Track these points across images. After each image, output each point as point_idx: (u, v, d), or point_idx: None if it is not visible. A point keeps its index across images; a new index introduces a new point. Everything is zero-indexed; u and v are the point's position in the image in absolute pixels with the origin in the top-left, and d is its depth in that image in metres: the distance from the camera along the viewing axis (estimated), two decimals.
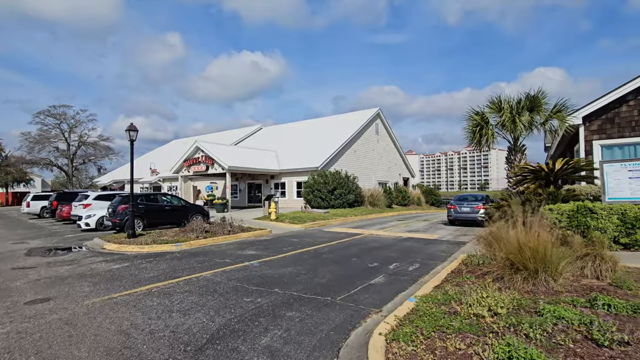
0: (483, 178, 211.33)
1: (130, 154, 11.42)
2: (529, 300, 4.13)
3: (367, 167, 31.68)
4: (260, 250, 9.42)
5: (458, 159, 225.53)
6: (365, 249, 9.63)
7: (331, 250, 9.35)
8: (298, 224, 15.79)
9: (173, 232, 12.05)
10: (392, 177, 37.26)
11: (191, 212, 15.27)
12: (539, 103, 11.90)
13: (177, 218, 14.58)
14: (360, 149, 31.37)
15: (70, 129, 49.76)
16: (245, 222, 14.28)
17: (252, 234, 12.84)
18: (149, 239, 10.57)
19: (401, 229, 14.39)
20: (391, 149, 37.68)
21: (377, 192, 26.56)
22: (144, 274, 6.75)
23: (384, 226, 15.69)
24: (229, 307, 4.67)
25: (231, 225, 13.11)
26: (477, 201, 14.99)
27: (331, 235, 12.69)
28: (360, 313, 4.48)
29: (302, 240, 11.33)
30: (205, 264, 7.65)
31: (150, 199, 14.42)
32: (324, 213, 19.81)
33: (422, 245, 10.11)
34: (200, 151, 25.87)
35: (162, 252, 9.51)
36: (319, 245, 10.32)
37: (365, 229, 14.35)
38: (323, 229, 14.68)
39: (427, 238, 11.70)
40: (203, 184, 35.04)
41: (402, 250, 9.29)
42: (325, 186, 22.93)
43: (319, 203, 22.79)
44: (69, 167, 50.18)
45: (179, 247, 10.09)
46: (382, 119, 35.42)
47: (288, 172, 27.51)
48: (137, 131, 11.36)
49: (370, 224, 16.98)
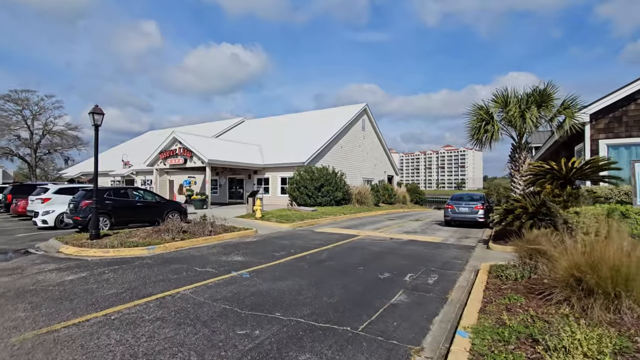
0: (460, 177, 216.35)
1: (94, 141, 9.79)
2: (626, 339, 3.12)
3: (353, 164, 30.72)
4: (248, 256, 8.12)
5: (436, 158, 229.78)
6: (369, 254, 8.53)
7: (331, 256, 8.19)
8: (286, 223, 14.52)
9: (145, 233, 10.52)
10: (377, 174, 36.52)
11: (167, 209, 13.69)
12: (549, 98, 11.16)
13: (150, 216, 12.98)
14: (347, 145, 30.34)
15: (34, 116, 45.99)
16: (227, 221, 12.90)
17: (237, 235, 11.49)
18: (115, 241, 9.03)
19: (397, 230, 13.42)
20: (377, 146, 36.91)
21: (365, 190, 25.63)
22: (104, 289, 5.34)
23: (378, 226, 14.69)
24: (217, 347, 3.40)
25: (212, 224, 11.70)
26: (475, 201, 14.23)
27: (325, 237, 11.52)
28: (397, 353, 3.33)
29: (294, 243, 10.10)
30: (183, 274, 6.31)
31: (119, 193, 12.73)
32: (311, 211, 18.63)
33: (429, 250, 9.12)
34: (177, 143, 24.02)
35: (131, 257, 8.04)
36: (315, 249, 9.13)
37: (359, 230, 13.28)
38: (314, 229, 13.49)
39: (430, 241, 10.74)
40: (180, 178, 33.02)
41: (410, 257, 8.25)
42: (312, 183, 21.74)
43: (305, 200, 21.58)
44: (31, 157, 46.43)
45: (151, 251, 8.63)
46: (368, 115, 34.53)
47: (272, 167, 26.10)
48: (103, 114, 9.73)
49: (361, 223, 15.94)
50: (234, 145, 28.34)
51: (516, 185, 12.13)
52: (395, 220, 17.71)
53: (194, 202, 21.78)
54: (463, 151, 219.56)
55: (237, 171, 28.31)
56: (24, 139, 46.24)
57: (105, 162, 41.89)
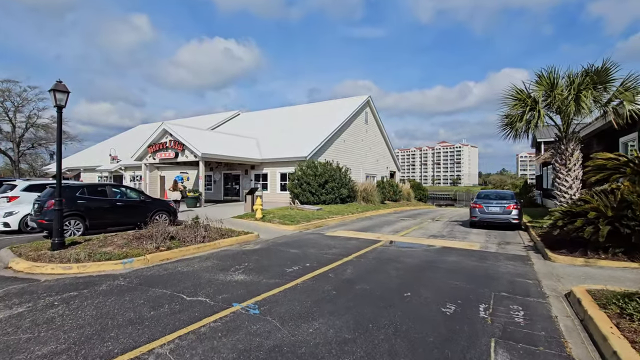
0: (455, 173, 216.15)
1: (57, 127, 7.81)
2: None
3: (356, 159, 28.92)
4: (252, 273, 6.28)
5: (432, 154, 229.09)
6: (405, 269, 6.73)
7: (359, 274, 6.38)
8: (290, 225, 12.68)
9: (124, 239, 8.61)
10: (379, 170, 34.82)
11: (153, 209, 11.76)
12: (607, 77, 9.42)
13: (133, 217, 11.06)
14: (350, 139, 28.53)
15: (16, 108, 43.37)
16: (223, 222, 11.04)
17: (235, 241, 9.63)
18: (83, 252, 7.12)
19: (420, 233, 11.65)
20: (379, 140, 35.16)
21: (371, 187, 23.85)
22: (35, 345, 3.46)
23: (396, 228, 12.91)
24: None
25: (206, 227, 9.83)
26: (506, 200, 12.50)
27: (341, 243, 9.71)
28: None
29: (306, 253, 8.27)
30: (165, 308, 4.46)
31: (95, 191, 10.75)
32: (316, 210, 16.80)
33: (477, 263, 7.36)
34: (168, 135, 21.97)
35: (99, 275, 6.15)
36: (335, 262, 7.31)
37: (377, 233, 11.50)
38: (323, 232, 11.67)
39: (468, 249, 8.99)
40: (173, 174, 30.93)
41: (459, 273, 6.48)
42: (316, 179, 19.90)
43: (307, 198, 19.74)
44: (14, 151, 43.87)
45: (127, 265, 6.74)
46: (371, 108, 32.73)
47: (271, 161, 24.18)
48: (68, 93, 7.76)
49: (375, 224, 14.16)
50: (230, 138, 26.34)
51: (562, 182, 10.42)
52: (410, 220, 15.95)
53: (186, 200, 19.83)
54: (459, 147, 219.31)
55: (233, 166, 26.35)
56: (6, 132, 43.66)
57: (93, 156, 39.60)
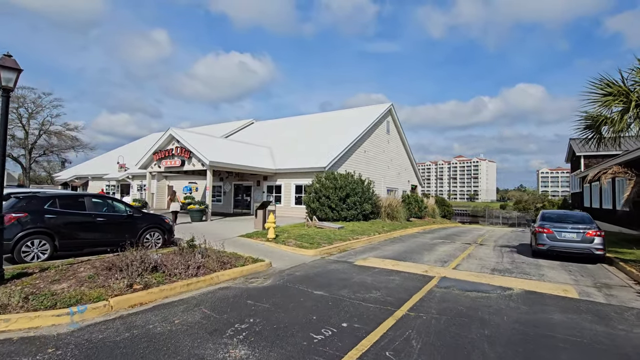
0: (472, 189, 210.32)
1: (1, 115, 5.80)
2: None
3: (377, 171, 26.51)
4: (259, 345, 3.94)
5: (448, 168, 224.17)
6: (504, 344, 4.27)
7: (434, 351, 3.97)
8: (310, 249, 10.33)
9: (91, 270, 6.43)
10: (401, 184, 32.30)
11: (143, 226, 9.64)
12: None
13: (118, 236, 8.94)
14: (371, 150, 26.25)
15: (30, 115, 42.93)
16: (228, 243, 8.83)
17: (240, 272, 7.35)
18: (19, 293, 4.93)
19: (475, 265, 9.10)
20: (401, 152, 32.77)
21: (396, 202, 21.34)
22: None
23: (439, 255, 10.40)
24: None
25: (204, 253, 7.61)
26: (584, 224, 9.83)
27: (378, 279, 7.30)
28: None
29: (337, 298, 5.88)
30: None
31: (70, 203, 8.65)
32: (337, 229, 14.43)
33: (605, 329, 4.81)
34: (174, 141, 20.15)
35: (22, 339, 3.93)
36: (385, 321, 4.89)
37: (420, 263, 9.02)
38: (352, 261, 9.25)
39: (564, 296, 6.40)
40: (181, 184, 29.19)
41: (591, 354, 4.01)
42: (336, 192, 17.58)
43: (326, 213, 17.41)
44: (25, 158, 43.23)
45: (76, 317, 4.52)
46: (393, 116, 30.48)
47: (286, 172, 22.04)
48: (20, 70, 5.78)
49: (411, 249, 11.66)
50: (241, 146, 24.41)
51: None
52: (450, 244, 13.37)
53: (191, 213, 17.76)
54: (476, 162, 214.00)
55: (244, 177, 24.32)
56: (19, 139, 43.17)
57: (102, 165, 38.38)
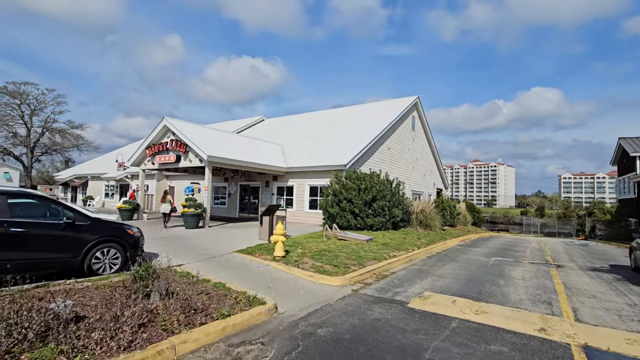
0: (490, 194, 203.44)
1: None
2: None
3: (402, 172, 23.06)
4: None
5: (464, 173, 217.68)
6: None
7: None
8: (334, 275, 7.07)
9: None
10: (426, 187, 28.80)
11: (92, 238, 6.53)
12: None
13: (47, 255, 5.91)
14: (395, 147, 22.88)
15: (32, 112, 41.12)
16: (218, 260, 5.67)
17: (220, 332, 4.10)
18: None
19: (603, 311, 5.63)
20: (427, 151, 29.29)
21: (429, 208, 17.87)
22: None
23: (529, 290, 6.96)
24: None
25: (167, 288, 4.46)
26: None
27: (469, 347, 4.00)
28: None
29: None
30: None
31: None
32: (366, 241, 11.11)
33: None
34: (170, 133, 17.25)
35: None
36: None
37: (514, 306, 5.60)
38: (404, 301, 5.92)
39: None
40: (184, 184, 26.29)
41: None
42: (360, 194, 14.31)
43: (348, 220, 14.14)
44: (27, 157, 41.40)
45: None
46: (419, 111, 27.08)
47: (299, 171, 18.88)
48: None
49: (475, 275, 8.25)
50: (247, 141, 21.38)
51: None
52: (519, 266, 9.87)
53: (185, 219, 14.72)
54: (494, 166, 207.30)
55: (251, 176, 21.27)
56: (21, 136, 41.40)
57: (104, 164, 35.94)
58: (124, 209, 17.69)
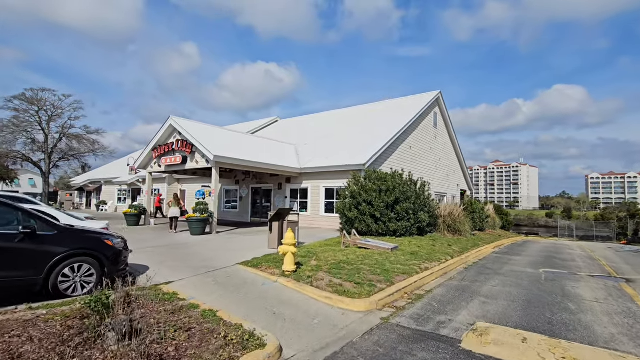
0: (512, 195, 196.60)
1: None
2: None
3: (424, 172, 21.34)
4: None
5: (485, 174, 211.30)
6: None
7: None
8: (356, 297, 5.62)
9: None
10: (450, 188, 26.95)
11: (59, 252, 5.32)
12: None
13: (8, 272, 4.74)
14: (416, 146, 21.24)
15: (50, 118, 41.46)
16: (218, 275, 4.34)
17: None
18: None
19: None
20: (449, 150, 27.45)
21: (458, 211, 16.13)
22: None
23: (612, 317, 5.32)
24: None
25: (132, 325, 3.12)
26: None
27: None
28: None
29: None
30: None
31: None
32: (390, 250, 9.58)
33: None
34: (176, 133, 16.23)
35: None
36: None
37: (612, 349, 4.08)
38: (453, 338, 4.43)
39: None
40: (196, 187, 25.39)
41: None
42: (381, 196, 12.80)
43: (368, 225, 12.65)
44: (45, 162, 41.72)
45: None
46: (441, 107, 25.35)
47: (313, 172, 17.51)
48: None
49: (533, 295, 6.61)
50: (258, 141, 20.19)
51: None
52: (578, 279, 8.12)
53: (190, 224, 13.58)
54: (515, 167, 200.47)
55: (263, 178, 20.06)
56: (39, 142, 41.78)
57: (118, 168, 35.69)
58: (129, 213, 16.78)
